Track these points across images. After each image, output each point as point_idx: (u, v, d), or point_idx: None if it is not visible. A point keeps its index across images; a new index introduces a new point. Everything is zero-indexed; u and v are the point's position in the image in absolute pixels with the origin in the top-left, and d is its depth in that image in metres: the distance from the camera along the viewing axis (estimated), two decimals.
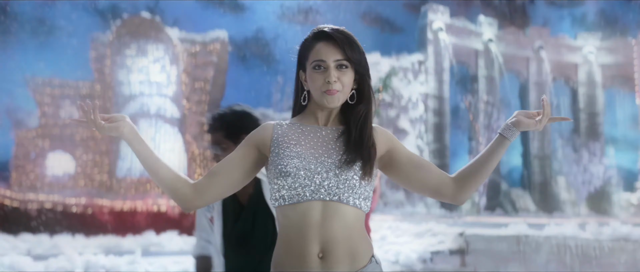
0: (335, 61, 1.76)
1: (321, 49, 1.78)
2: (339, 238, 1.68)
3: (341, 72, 1.77)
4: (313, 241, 1.68)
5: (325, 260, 1.68)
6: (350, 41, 1.80)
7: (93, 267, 4.35)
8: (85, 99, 14.39)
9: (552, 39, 32.07)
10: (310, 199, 1.69)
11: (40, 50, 21.33)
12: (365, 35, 29.19)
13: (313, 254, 1.68)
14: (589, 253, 5.41)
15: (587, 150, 26.91)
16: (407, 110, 26.60)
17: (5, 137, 19.01)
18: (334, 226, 1.68)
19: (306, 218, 1.69)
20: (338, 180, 1.69)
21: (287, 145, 1.76)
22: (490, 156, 1.83)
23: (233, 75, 24.43)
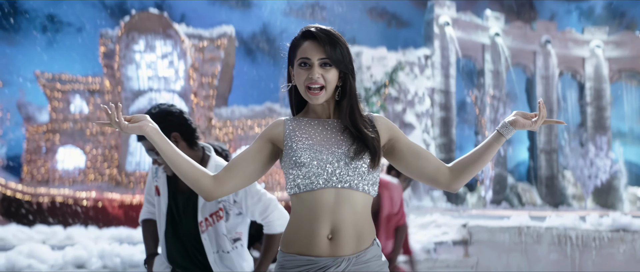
0: (320, 59, 1.86)
1: (307, 47, 1.88)
2: (347, 222, 1.83)
3: (325, 69, 1.87)
4: (324, 224, 1.82)
5: (333, 241, 1.82)
6: (333, 41, 1.87)
7: (108, 256, 4.53)
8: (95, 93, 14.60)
9: (559, 33, 31.96)
10: (323, 186, 1.82)
11: (50, 46, 21.61)
12: (371, 30, 29.51)
13: (323, 236, 1.82)
14: (589, 243, 5.53)
15: (594, 144, 26.85)
16: (413, 105, 26.64)
17: (17, 132, 19.33)
18: (344, 210, 1.82)
19: (319, 204, 1.82)
20: (348, 168, 1.83)
21: (299, 138, 1.88)
22: (486, 150, 1.95)
23: (240, 70, 24.57)
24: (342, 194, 1.82)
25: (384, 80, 23.42)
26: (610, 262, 5.54)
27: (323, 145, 1.85)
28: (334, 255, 1.81)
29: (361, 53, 25.62)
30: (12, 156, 19.35)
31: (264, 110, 20.08)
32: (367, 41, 27.36)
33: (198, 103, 19.41)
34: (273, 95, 24.23)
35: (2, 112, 18.82)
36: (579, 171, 26.23)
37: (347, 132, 1.89)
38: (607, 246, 5.48)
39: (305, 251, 1.82)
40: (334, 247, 1.81)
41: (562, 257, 5.86)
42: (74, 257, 4.43)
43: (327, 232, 1.82)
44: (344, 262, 1.80)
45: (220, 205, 2.55)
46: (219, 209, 2.55)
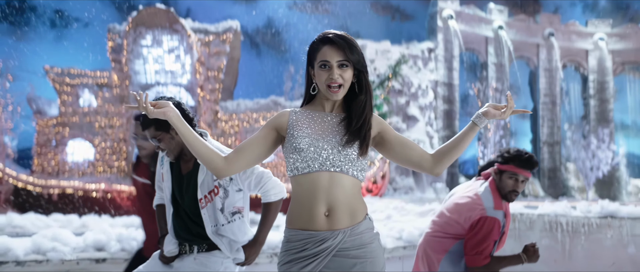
0: (338, 61, 2.11)
1: (326, 51, 2.12)
2: (341, 201, 2.11)
3: (342, 70, 2.12)
4: (321, 203, 2.10)
5: (330, 217, 2.11)
6: (350, 45, 2.13)
7: (126, 239, 4.83)
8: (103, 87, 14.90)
9: (562, 26, 32.02)
10: (318, 170, 2.09)
11: (58, 41, 21.95)
12: (375, 24, 29.66)
13: (321, 214, 2.11)
14: (579, 229, 5.82)
15: (596, 136, 27.01)
16: (417, 98, 26.80)
17: (27, 126, 19.70)
18: (337, 191, 2.11)
19: (315, 185, 2.10)
20: (340, 155, 2.11)
21: (300, 127, 2.15)
22: (463, 139, 2.21)
23: (245, 63, 24.82)
24: (335, 177, 2.10)
25: (387, 74, 23.65)
26: (598, 246, 5.83)
27: (320, 134, 2.13)
28: (331, 229, 2.10)
29: (365, 47, 25.79)
30: (23, 149, 19.73)
31: (269, 103, 20.36)
32: (371, 35, 27.53)
33: (204, 96, 19.70)
34: (278, 89, 24.47)
35: (13, 105, 19.17)
36: (580, 162, 26.41)
37: (343, 124, 2.16)
38: (596, 232, 5.77)
39: (306, 226, 2.12)
40: (331, 222, 2.11)
41: (553, 242, 6.15)
42: (94, 241, 4.77)
43: (324, 209, 2.11)
44: (340, 235, 2.10)
45: (216, 183, 2.83)
46: (215, 186, 2.83)
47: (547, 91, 31.28)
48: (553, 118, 31.09)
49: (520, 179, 3.33)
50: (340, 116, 2.19)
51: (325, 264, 2.08)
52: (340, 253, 2.10)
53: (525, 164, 3.32)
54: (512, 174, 3.33)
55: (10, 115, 18.82)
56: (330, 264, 2.08)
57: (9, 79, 19.34)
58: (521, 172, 3.31)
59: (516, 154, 3.35)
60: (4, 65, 19.55)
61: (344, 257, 2.09)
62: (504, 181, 3.35)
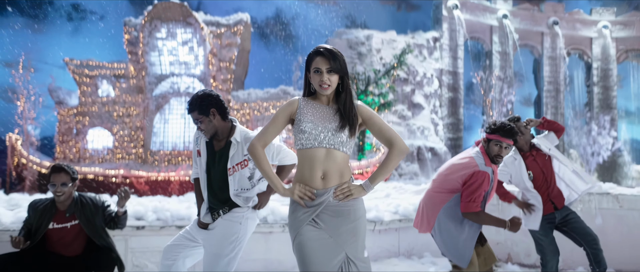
0: (327, 68, 2.83)
1: (318, 60, 2.83)
2: (333, 168, 2.88)
3: (330, 75, 2.83)
4: (318, 169, 2.84)
5: (325, 179, 2.88)
6: (335, 57, 2.83)
7: (160, 210, 5.63)
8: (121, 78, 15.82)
9: (566, 15, 32.40)
10: (317, 146, 2.83)
11: (76, 34, 22.83)
12: (381, 14, 30.24)
13: (318, 177, 2.84)
14: None
15: (597, 123, 27.55)
16: (422, 86, 27.38)
17: (49, 115, 20.61)
18: (330, 162, 2.87)
19: (315, 156, 2.84)
20: (334, 137, 2.85)
21: (306, 114, 2.87)
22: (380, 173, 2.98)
23: (255, 54, 25.59)
24: (330, 152, 2.86)
25: (392, 63, 24.27)
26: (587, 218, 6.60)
27: (320, 121, 2.90)
28: (325, 187, 2.87)
29: (371, 36, 26.42)
30: (46, 137, 20.66)
31: (278, 92, 21.14)
32: (377, 25, 28.10)
33: (217, 86, 20.50)
34: (287, 79, 25.18)
35: (35, 96, 20.10)
36: (582, 148, 27.02)
37: (338, 114, 2.91)
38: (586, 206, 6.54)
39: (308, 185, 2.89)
40: (325, 182, 2.86)
41: None
42: (134, 211, 5.61)
43: (321, 174, 2.86)
44: (331, 190, 2.87)
45: (245, 157, 3.63)
46: (244, 159, 3.63)
47: (551, 79, 31.75)
48: (557, 105, 31.59)
49: (504, 146, 4.05)
50: (335, 108, 2.90)
51: (320, 211, 2.86)
52: (331, 205, 2.85)
53: (508, 133, 4.05)
54: (497, 142, 4.06)
55: (32, 106, 19.73)
56: (324, 212, 2.86)
57: (30, 71, 20.23)
58: (504, 140, 4.05)
59: (501, 126, 4.09)
60: (26, 57, 20.44)
61: (334, 207, 2.87)
62: (491, 148, 4.08)
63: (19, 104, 19.18)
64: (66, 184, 4.17)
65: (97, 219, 4.30)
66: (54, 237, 4.25)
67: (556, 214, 4.70)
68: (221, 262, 3.51)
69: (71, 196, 4.27)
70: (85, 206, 4.29)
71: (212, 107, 3.61)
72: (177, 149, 19.92)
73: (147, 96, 19.87)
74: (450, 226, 4.01)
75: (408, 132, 25.78)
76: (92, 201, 4.37)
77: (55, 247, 4.26)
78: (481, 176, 3.93)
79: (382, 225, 6.79)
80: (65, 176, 4.19)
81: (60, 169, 4.20)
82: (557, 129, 4.92)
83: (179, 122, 20.02)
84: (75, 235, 4.28)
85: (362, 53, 25.93)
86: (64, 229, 4.26)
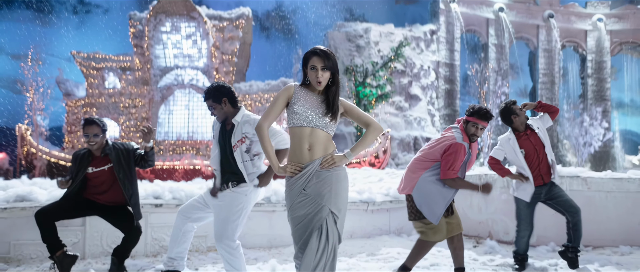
0: (321, 67, 3.35)
1: (314, 59, 3.36)
2: (317, 143, 3.37)
3: (324, 72, 3.36)
4: (305, 143, 3.37)
5: (311, 151, 3.37)
6: (328, 56, 3.35)
7: (176, 190, 6.30)
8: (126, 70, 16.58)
9: (562, 8, 32.95)
10: (306, 125, 3.35)
11: (82, 27, 23.40)
12: (380, 7, 30.74)
13: (305, 148, 3.36)
14: None
15: (589, 114, 28.22)
16: (419, 78, 27.98)
17: (57, 106, 21.27)
18: (314, 138, 3.37)
19: (303, 133, 3.36)
20: (320, 119, 3.36)
21: (298, 99, 3.38)
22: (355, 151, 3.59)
23: (256, 47, 26.19)
24: (315, 131, 3.39)
25: (390, 55, 24.88)
26: None
27: (310, 105, 3.47)
28: (312, 159, 3.38)
29: (369, 29, 27.00)
30: (54, 127, 21.34)
31: (279, 84, 21.80)
32: (376, 18, 28.66)
33: (219, 78, 21.15)
34: (287, 71, 25.78)
35: (43, 88, 20.76)
36: (574, 139, 27.71)
37: (325, 102, 3.51)
38: None
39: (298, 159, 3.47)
40: (311, 154, 3.39)
41: (510, 197, 7.57)
42: (153, 191, 6.30)
43: (307, 146, 3.38)
44: (317, 161, 3.44)
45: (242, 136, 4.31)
46: (242, 137, 4.29)
47: (546, 71, 32.36)
48: (552, 97, 32.22)
49: (479, 127, 4.68)
50: (322, 97, 3.44)
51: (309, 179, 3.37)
52: (318, 173, 3.39)
53: (483, 116, 4.67)
54: (474, 124, 4.67)
55: (41, 97, 20.39)
56: (312, 180, 3.37)
57: (38, 64, 20.87)
58: (480, 122, 4.67)
59: (477, 110, 4.71)
60: (33, 50, 21.08)
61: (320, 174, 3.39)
62: (469, 128, 4.69)
63: (28, 95, 19.83)
64: (97, 134, 4.82)
65: (128, 161, 4.92)
66: (92, 183, 4.90)
67: (543, 189, 5.31)
68: (229, 226, 4.19)
69: (103, 144, 4.91)
70: (117, 149, 4.94)
71: (224, 97, 4.32)
72: (181, 139, 20.61)
73: (152, 88, 20.56)
74: (428, 188, 4.61)
75: (405, 123, 26.44)
76: (123, 145, 5.03)
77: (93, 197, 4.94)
78: (458, 147, 4.55)
79: (375, 206, 7.47)
80: (96, 128, 4.84)
81: (92, 122, 4.87)
82: (552, 110, 5.48)
83: (183, 113, 20.71)
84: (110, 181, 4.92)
85: (361, 46, 26.53)
86: (102, 172, 4.90)
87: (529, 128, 5.40)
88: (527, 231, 5.36)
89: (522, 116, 5.36)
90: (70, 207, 4.84)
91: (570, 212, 5.24)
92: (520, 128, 5.37)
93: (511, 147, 5.36)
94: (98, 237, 5.82)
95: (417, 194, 4.65)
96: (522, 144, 5.34)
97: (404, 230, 7.67)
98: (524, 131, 5.38)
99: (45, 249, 5.63)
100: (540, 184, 5.31)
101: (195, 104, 20.98)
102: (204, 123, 21.00)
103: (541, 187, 5.33)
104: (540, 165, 5.33)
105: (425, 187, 4.63)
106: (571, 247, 5.31)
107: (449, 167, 4.53)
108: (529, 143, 5.34)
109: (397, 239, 7.33)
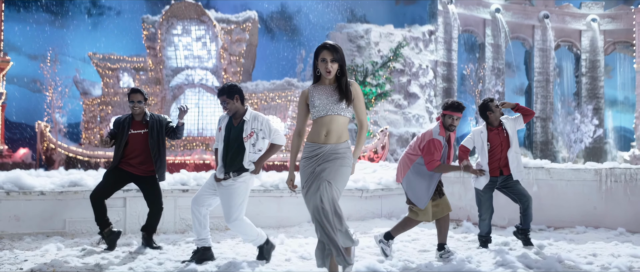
0: (331, 59, 3.77)
1: (325, 53, 3.78)
2: (334, 129, 3.85)
3: (333, 63, 3.79)
4: (323, 129, 3.84)
5: (327, 137, 3.85)
6: (336, 50, 3.78)
7: (199, 178, 7.45)
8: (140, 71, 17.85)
9: (557, 8, 33.79)
10: (324, 115, 3.82)
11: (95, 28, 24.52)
12: (380, 8, 31.78)
13: (322, 134, 3.84)
14: None
15: (580, 111, 29.16)
16: (417, 77, 28.88)
17: (74, 104, 22.41)
18: (333, 124, 3.85)
19: (323, 122, 3.83)
20: (336, 106, 3.82)
21: (314, 95, 3.84)
22: None
23: (262, 48, 27.22)
24: (332, 118, 3.85)
25: (389, 55, 25.88)
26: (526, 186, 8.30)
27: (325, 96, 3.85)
28: (326, 143, 3.86)
29: (370, 30, 27.99)
30: (72, 124, 22.47)
31: (284, 83, 22.85)
32: (376, 19, 29.62)
33: (227, 78, 22.23)
34: (291, 71, 26.77)
35: (61, 87, 21.87)
36: (566, 135, 28.66)
37: (337, 90, 3.86)
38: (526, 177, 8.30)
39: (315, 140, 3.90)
40: (326, 139, 3.86)
41: None
42: (180, 179, 7.49)
43: (325, 132, 3.86)
44: (330, 145, 3.86)
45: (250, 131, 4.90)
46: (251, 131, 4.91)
47: (541, 70, 33.28)
48: (546, 95, 33.15)
49: (454, 117, 5.22)
50: (335, 86, 3.88)
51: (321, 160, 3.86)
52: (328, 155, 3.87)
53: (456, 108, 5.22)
54: (449, 116, 5.23)
55: (60, 96, 21.50)
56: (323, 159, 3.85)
57: (56, 64, 21.99)
58: (454, 113, 5.23)
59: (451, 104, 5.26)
60: (52, 51, 22.19)
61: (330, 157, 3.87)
62: (446, 120, 5.25)
63: (47, 94, 20.96)
64: (141, 101, 5.64)
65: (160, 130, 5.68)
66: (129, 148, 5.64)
67: (498, 179, 5.87)
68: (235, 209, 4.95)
69: (143, 111, 5.71)
70: (154, 119, 5.72)
71: (236, 94, 5.06)
72: (192, 135, 21.70)
73: (165, 87, 21.66)
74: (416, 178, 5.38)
75: (404, 120, 27.48)
76: (159, 117, 5.80)
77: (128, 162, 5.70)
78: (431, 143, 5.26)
79: (368, 193, 8.58)
80: (140, 95, 5.65)
81: (137, 91, 5.67)
82: (527, 113, 5.83)
83: (193, 110, 21.75)
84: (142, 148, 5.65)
85: (361, 46, 27.55)
86: (138, 135, 5.65)
87: (501, 125, 5.89)
88: (487, 214, 5.93)
89: (497, 113, 5.82)
90: (113, 181, 5.65)
91: (522, 201, 5.85)
92: (494, 124, 5.85)
93: (481, 139, 5.90)
94: (136, 216, 7.00)
95: (406, 183, 5.38)
96: (490, 138, 5.87)
97: (394, 214, 8.76)
98: (496, 127, 5.87)
99: (94, 225, 6.81)
100: (497, 175, 5.88)
101: (205, 103, 22.02)
102: (213, 120, 22.07)
103: (497, 177, 5.90)
104: (500, 159, 5.86)
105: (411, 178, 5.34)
106: (521, 229, 6.01)
107: (430, 160, 5.23)
108: (497, 138, 5.86)
109: (388, 221, 8.34)
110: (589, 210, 7.83)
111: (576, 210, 7.88)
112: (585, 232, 7.49)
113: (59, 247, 5.84)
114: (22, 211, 6.66)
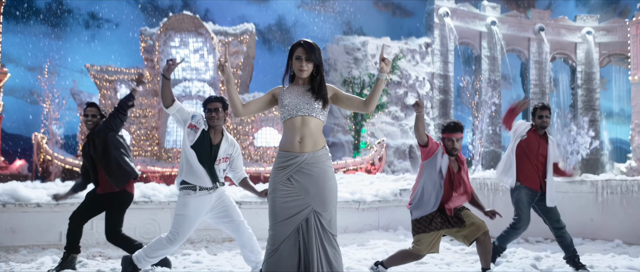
0: (305, 57, 3.39)
1: (299, 50, 3.39)
2: (308, 134, 3.39)
3: (307, 62, 3.40)
4: (296, 134, 3.38)
5: (301, 143, 3.38)
6: (312, 48, 3.39)
7: None
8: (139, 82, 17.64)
9: (552, 21, 34.05)
10: (295, 115, 3.38)
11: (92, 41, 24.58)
12: (377, 21, 32.13)
13: (296, 141, 3.37)
14: (499, 188, 8.37)
15: (576, 123, 29.30)
16: (414, 89, 29.04)
17: (71, 116, 22.40)
18: (305, 127, 3.40)
19: (294, 124, 3.39)
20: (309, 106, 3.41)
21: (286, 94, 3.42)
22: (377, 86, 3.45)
23: (259, 59, 27.32)
24: (304, 119, 3.41)
25: None
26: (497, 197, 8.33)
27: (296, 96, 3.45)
28: (302, 151, 3.38)
29: (367, 43, 28.15)
30: (69, 136, 22.43)
31: None
32: (373, 31, 29.74)
33: (224, 90, 22.29)
34: None
35: (59, 99, 21.88)
36: (562, 147, 28.73)
37: (311, 90, 3.45)
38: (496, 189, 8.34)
39: (287, 148, 3.42)
40: (302, 147, 3.39)
41: (482, 197, 8.63)
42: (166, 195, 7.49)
43: (298, 138, 3.39)
44: (306, 155, 3.38)
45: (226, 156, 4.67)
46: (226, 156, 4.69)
47: (537, 82, 33.46)
48: None
49: (454, 139, 4.68)
50: (308, 86, 3.48)
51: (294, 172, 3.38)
52: (304, 167, 3.39)
53: (452, 129, 4.68)
54: (448, 139, 4.69)
55: (57, 108, 21.49)
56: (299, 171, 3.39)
57: (54, 76, 22.04)
58: (453, 135, 4.68)
59: (447, 125, 4.76)
60: (50, 63, 22.25)
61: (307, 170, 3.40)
62: (446, 144, 4.70)
63: (44, 105, 20.95)
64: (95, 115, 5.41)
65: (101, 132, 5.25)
66: None
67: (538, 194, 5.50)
68: None
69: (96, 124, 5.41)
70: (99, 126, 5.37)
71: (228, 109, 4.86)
72: None
73: None
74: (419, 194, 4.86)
75: (401, 132, 27.55)
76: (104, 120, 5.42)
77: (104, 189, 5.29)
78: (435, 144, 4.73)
79: (366, 205, 8.60)
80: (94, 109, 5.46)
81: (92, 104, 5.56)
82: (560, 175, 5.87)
83: None
84: None
85: (358, 58, 27.69)
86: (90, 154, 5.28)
87: (545, 135, 5.61)
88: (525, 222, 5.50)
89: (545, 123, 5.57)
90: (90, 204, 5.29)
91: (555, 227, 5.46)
92: (539, 129, 5.58)
93: (522, 130, 5.56)
94: (132, 228, 6.98)
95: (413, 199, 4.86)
96: (529, 137, 5.51)
97: (391, 226, 8.79)
98: (541, 135, 5.57)
99: (90, 238, 6.80)
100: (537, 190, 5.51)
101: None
102: None
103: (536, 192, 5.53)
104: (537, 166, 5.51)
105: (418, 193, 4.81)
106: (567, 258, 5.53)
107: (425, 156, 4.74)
108: (534, 140, 5.51)
109: (385, 233, 8.40)
110: (586, 222, 7.87)
111: (573, 222, 7.87)
112: (582, 244, 7.53)
113: (55, 260, 5.82)
114: (18, 223, 6.65)
